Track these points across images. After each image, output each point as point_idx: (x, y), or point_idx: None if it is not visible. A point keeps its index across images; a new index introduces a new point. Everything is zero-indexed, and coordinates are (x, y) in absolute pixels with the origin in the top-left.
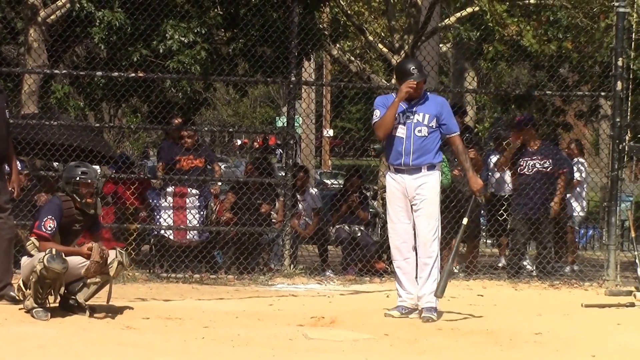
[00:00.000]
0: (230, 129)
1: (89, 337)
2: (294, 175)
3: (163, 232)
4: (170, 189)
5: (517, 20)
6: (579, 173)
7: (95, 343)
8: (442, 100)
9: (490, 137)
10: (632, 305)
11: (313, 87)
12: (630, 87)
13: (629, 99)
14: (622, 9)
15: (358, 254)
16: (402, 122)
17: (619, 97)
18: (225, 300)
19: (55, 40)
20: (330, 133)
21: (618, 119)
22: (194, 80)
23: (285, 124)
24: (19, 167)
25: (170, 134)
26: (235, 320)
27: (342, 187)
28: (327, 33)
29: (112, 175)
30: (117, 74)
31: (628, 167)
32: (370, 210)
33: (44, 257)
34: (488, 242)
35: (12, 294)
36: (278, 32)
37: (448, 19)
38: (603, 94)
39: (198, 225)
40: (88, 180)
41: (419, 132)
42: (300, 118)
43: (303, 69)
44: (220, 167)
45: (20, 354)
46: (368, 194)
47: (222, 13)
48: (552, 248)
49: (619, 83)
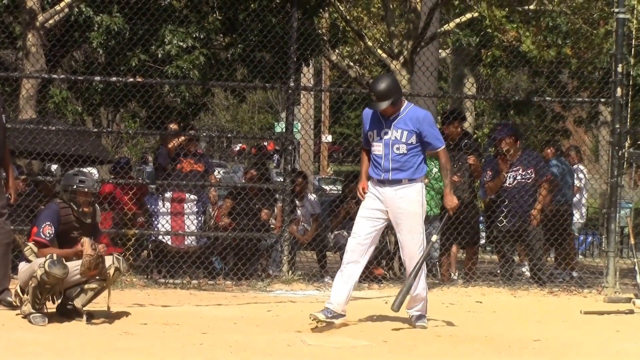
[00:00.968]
0: (229, 135)
1: (87, 342)
2: (293, 181)
3: (161, 237)
4: (169, 195)
5: (516, 26)
6: (579, 180)
7: (93, 349)
8: (422, 115)
9: (490, 143)
10: (631, 313)
11: (312, 92)
12: (630, 93)
13: (629, 106)
14: (622, 15)
15: None
16: (378, 139)
17: (619, 103)
18: (224, 306)
19: (54, 45)
20: (329, 139)
21: (618, 126)
22: (193, 86)
23: (284, 130)
24: (15, 172)
25: (168, 140)
26: (234, 326)
27: (340, 193)
28: (326, 38)
29: (109, 180)
30: (115, 79)
31: (628, 173)
32: None
33: (45, 262)
34: (487, 248)
35: (9, 300)
36: (277, 37)
37: (447, 25)
38: (603, 100)
39: (196, 231)
40: (85, 190)
41: (397, 149)
42: (299, 124)
43: (302, 75)
44: (216, 178)
45: None
46: None
47: (221, 18)
48: (542, 256)
49: (619, 89)
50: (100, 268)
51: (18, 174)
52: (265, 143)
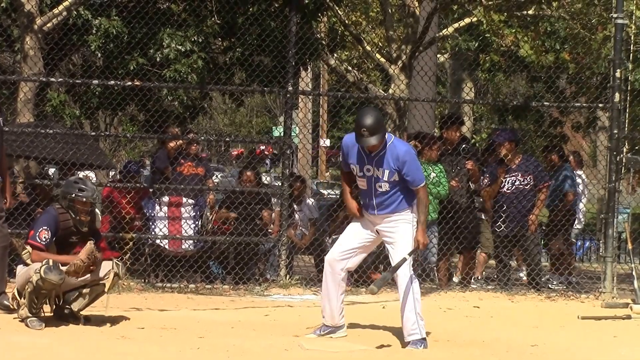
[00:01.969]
0: (227, 139)
1: (84, 346)
2: (291, 185)
3: (158, 241)
4: (166, 199)
5: (514, 31)
6: (576, 186)
7: (90, 353)
8: (403, 152)
9: (488, 148)
10: (628, 318)
11: (310, 96)
12: (628, 98)
13: (627, 111)
14: (620, 21)
15: None
16: (361, 174)
17: (617, 108)
18: (221, 311)
19: (52, 48)
20: (327, 143)
21: (616, 131)
22: (191, 89)
23: (282, 134)
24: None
25: (167, 142)
26: (231, 331)
27: (338, 197)
28: (324, 43)
29: (107, 184)
30: (113, 83)
31: (625, 179)
32: None
33: (41, 268)
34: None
35: (6, 303)
36: (275, 41)
37: (446, 30)
38: (601, 106)
39: (193, 235)
40: (84, 199)
41: (380, 187)
42: (297, 128)
43: (300, 79)
44: (213, 182)
45: None
46: None
47: (219, 22)
48: (540, 261)
49: (617, 94)
50: (92, 274)
51: (14, 179)
52: (263, 147)
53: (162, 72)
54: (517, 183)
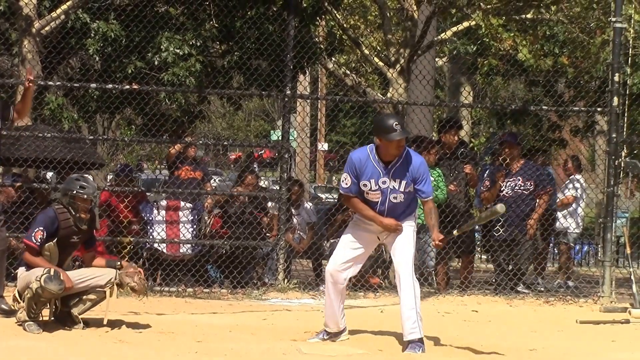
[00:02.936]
0: (225, 142)
1: (82, 351)
2: (289, 189)
3: (156, 245)
4: (164, 203)
5: (513, 35)
6: (574, 190)
7: (88, 357)
8: (419, 162)
9: (487, 152)
10: (626, 322)
11: (308, 100)
12: (627, 102)
13: (625, 115)
14: (619, 25)
15: None
16: (376, 188)
17: (615, 112)
18: (219, 315)
19: (50, 52)
20: (325, 147)
21: (614, 135)
22: (189, 93)
23: (280, 138)
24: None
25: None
26: (229, 335)
27: (336, 201)
28: (322, 46)
29: (105, 188)
30: (111, 86)
31: (624, 183)
32: None
33: (42, 276)
34: (483, 257)
35: (3, 307)
36: (274, 45)
37: (444, 33)
38: (599, 110)
39: (191, 239)
40: (84, 196)
41: (394, 198)
42: (295, 131)
43: (298, 83)
44: (212, 185)
45: None
46: None
47: (217, 26)
48: (528, 268)
49: (616, 99)
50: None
51: (13, 182)
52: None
53: (160, 75)
54: (516, 187)
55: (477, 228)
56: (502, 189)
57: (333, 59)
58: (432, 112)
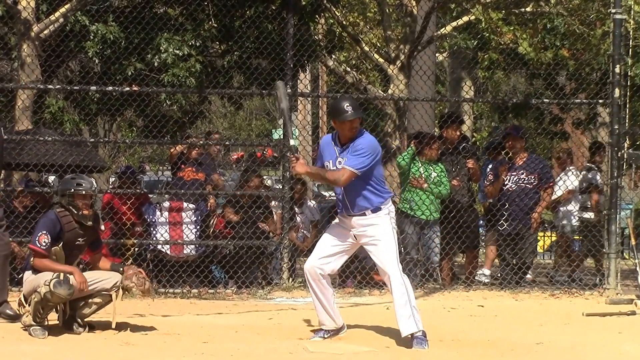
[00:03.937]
0: (227, 142)
1: (87, 354)
2: (292, 188)
3: (160, 247)
4: (167, 204)
5: (513, 29)
6: (570, 182)
7: None
8: (364, 141)
9: (489, 146)
10: (633, 314)
11: (309, 98)
12: (628, 94)
13: (627, 106)
14: (618, 16)
15: (357, 266)
16: (334, 168)
17: (617, 104)
18: (224, 315)
19: (49, 55)
20: None
21: (616, 127)
22: (189, 94)
23: (282, 136)
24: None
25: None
26: (235, 335)
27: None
28: (322, 44)
29: (107, 190)
30: (111, 88)
31: (627, 174)
32: None
33: (51, 281)
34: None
35: (8, 312)
36: (273, 43)
37: (444, 28)
38: (601, 102)
39: (195, 240)
40: (83, 192)
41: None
42: (297, 130)
43: (299, 81)
44: (220, 177)
45: None
46: None
47: (216, 25)
48: (532, 261)
49: (617, 90)
50: (100, 284)
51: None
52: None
53: (160, 76)
54: (520, 181)
55: (481, 223)
56: (505, 183)
57: (333, 57)
58: (433, 107)
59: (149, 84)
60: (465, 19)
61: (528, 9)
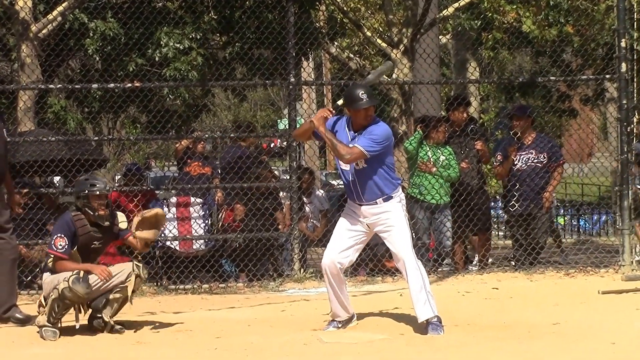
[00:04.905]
0: (232, 135)
1: (99, 356)
2: (299, 178)
3: (169, 243)
4: (174, 200)
5: (516, 7)
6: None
7: None
8: (378, 128)
9: (497, 126)
10: None
11: (313, 87)
12: (635, 68)
13: (635, 80)
14: None
15: (368, 254)
16: None
17: (624, 78)
18: (236, 309)
19: (49, 55)
20: None
21: (625, 101)
22: (192, 87)
23: (287, 126)
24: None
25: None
26: (248, 329)
27: None
28: (324, 31)
29: (114, 188)
30: (113, 85)
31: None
32: None
33: (70, 277)
34: (500, 234)
35: (18, 316)
36: (274, 33)
37: (446, 10)
38: (608, 77)
39: (204, 235)
40: (97, 192)
41: (357, 165)
42: (302, 119)
43: (302, 69)
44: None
45: None
46: None
47: (216, 17)
48: (545, 241)
49: (624, 64)
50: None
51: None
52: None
53: (161, 71)
54: (529, 161)
55: (492, 205)
56: (515, 163)
57: (335, 44)
58: (439, 90)
59: (151, 79)
60: (467, 0)
61: None
